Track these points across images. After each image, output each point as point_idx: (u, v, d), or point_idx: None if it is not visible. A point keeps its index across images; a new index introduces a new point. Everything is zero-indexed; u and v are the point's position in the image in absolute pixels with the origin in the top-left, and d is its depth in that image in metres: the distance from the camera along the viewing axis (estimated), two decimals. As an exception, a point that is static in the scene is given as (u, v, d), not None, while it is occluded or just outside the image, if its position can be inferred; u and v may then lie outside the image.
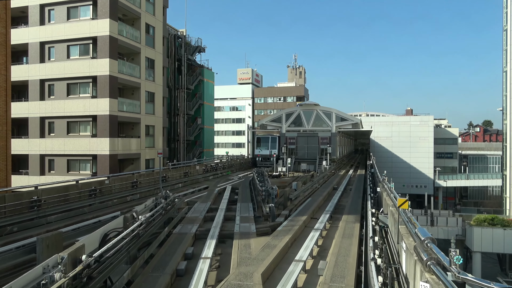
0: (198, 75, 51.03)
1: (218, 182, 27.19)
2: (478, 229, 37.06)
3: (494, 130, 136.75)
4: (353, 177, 32.51)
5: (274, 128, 41.66)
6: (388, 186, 12.97)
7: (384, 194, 12.56)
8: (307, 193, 21.43)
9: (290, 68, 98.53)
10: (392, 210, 9.94)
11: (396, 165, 76.82)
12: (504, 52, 44.49)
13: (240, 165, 38.95)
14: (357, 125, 38.89)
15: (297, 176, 33.10)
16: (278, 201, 19.35)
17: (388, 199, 11.83)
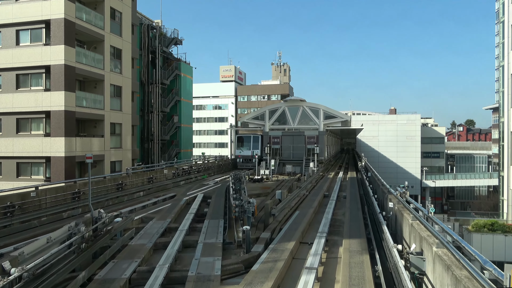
0: (174, 69, 46.42)
1: (190, 189, 22.85)
2: (477, 236, 33.60)
3: (477, 129, 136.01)
4: (345, 181, 28.56)
5: (256, 126, 37.50)
6: (417, 207, 8.88)
7: (409, 218, 8.60)
8: (293, 204, 17.30)
9: (274, 66, 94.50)
10: (445, 259, 5.98)
11: (383, 164, 73.63)
12: (500, 46, 41.29)
13: (219, 168, 34.64)
14: (347, 123, 35.06)
15: (282, 180, 28.98)
16: (258, 215, 15.16)
17: (422, 230, 7.78)
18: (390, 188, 12.05)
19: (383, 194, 13.27)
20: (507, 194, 37.87)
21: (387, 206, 11.46)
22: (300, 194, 20.02)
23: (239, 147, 37.86)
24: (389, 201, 10.85)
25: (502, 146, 39.67)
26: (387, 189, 12.80)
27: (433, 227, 7.56)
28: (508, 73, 37.92)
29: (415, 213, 8.53)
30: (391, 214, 10.81)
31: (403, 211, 9.62)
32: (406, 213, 9.35)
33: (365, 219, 14.72)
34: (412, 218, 8.58)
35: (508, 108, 38.00)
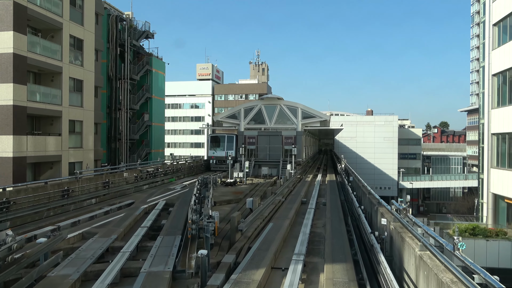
0: (145, 64, 43.41)
1: (152, 194, 20.20)
2: (459, 241, 32.19)
3: (450, 131, 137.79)
4: (323, 185, 26.46)
5: (231, 126, 35.04)
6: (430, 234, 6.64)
7: (415, 247, 6.41)
8: (267, 213, 14.95)
9: (252, 65, 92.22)
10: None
11: (361, 166, 72.47)
12: (481, 46, 40.26)
13: (190, 169, 31.99)
14: (326, 123, 33.07)
15: (257, 183, 26.64)
16: (225, 229, 12.78)
17: (441, 271, 5.50)
18: (381, 199, 9.87)
19: (371, 205, 11.09)
20: (486, 197, 36.72)
21: (377, 220, 9.33)
22: (275, 201, 17.70)
23: (212, 147, 35.31)
24: (381, 216, 8.69)
25: (482, 148, 38.58)
26: (376, 200, 10.58)
27: (455, 266, 5.38)
28: (489, 74, 36.78)
29: (425, 241, 6.33)
30: (386, 235, 8.61)
31: (404, 234, 7.41)
32: (409, 237, 7.14)
33: (348, 232, 12.52)
34: (421, 247, 6.36)
35: (488, 110, 36.87)
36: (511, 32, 34.09)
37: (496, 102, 36.29)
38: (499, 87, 36.17)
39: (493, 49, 36.40)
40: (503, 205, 35.96)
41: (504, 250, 31.68)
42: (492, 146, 36.37)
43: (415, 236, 6.82)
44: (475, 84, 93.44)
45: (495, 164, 36.22)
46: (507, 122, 33.92)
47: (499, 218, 36.03)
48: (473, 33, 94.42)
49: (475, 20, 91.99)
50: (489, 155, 36.41)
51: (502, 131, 34.63)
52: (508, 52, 33.97)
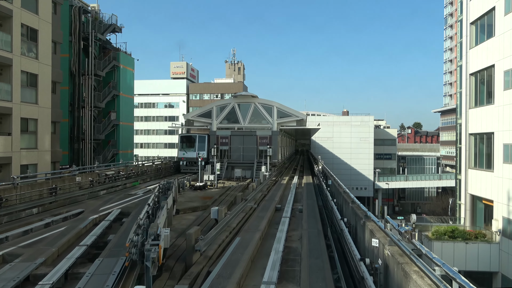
0: (112, 59, 40.53)
1: (108, 202, 17.80)
2: (438, 244, 31.05)
3: (424, 132, 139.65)
4: (300, 188, 24.65)
5: (203, 125, 32.80)
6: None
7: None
8: (235, 224, 12.91)
9: (228, 64, 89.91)
10: None
11: (337, 166, 71.46)
12: (458, 45, 39.54)
13: (157, 172, 29.57)
14: (302, 122, 31.34)
15: (228, 187, 24.55)
16: (180, 246, 10.64)
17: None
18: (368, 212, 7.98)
19: (355, 217, 9.21)
20: (464, 199, 35.85)
21: (363, 237, 7.52)
22: (246, 209, 15.68)
23: (182, 148, 32.96)
24: (370, 235, 6.84)
25: (459, 148, 37.77)
26: (362, 212, 8.66)
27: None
28: (467, 73, 35.95)
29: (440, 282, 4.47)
30: (380, 263, 6.74)
31: (408, 267, 5.55)
32: (415, 273, 5.28)
33: (329, 247, 10.65)
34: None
35: (466, 110, 36.03)
36: (488, 31, 33.32)
37: (473, 102, 35.51)
38: (477, 87, 35.41)
39: (471, 48, 35.60)
40: (480, 206, 35.19)
41: (484, 253, 30.79)
42: (470, 147, 35.57)
43: (426, 275, 4.95)
44: (448, 85, 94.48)
45: (472, 165, 35.42)
46: (484, 122, 33.12)
47: (477, 219, 35.22)
48: (446, 34, 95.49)
49: (448, 22, 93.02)
50: (467, 156, 35.58)
51: (480, 131, 33.83)
52: (486, 51, 33.18)
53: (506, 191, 29.62)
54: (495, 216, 30.88)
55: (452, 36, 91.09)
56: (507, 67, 29.74)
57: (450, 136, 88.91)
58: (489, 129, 32.33)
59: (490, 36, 32.53)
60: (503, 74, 30.14)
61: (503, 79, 30.14)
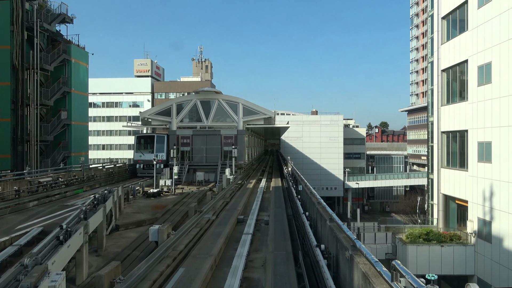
0: (61, 52, 36.43)
1: (34, 216, 14.47)
2: (413, 248, 29.37)
3: (390, 131, 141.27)
4: (268, 192, 22.04)
5: (161, 124, 29.61)
6: None
7: None
8: (182, 247, 10.05)
9: (195, 61, 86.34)
10: None
11: (307, 166, 69.75)
12: (429, 41, 38.26)
13: (108, 177, 26.16)
14: (270, 120, 28.82)
15: (187, 193, 21.56)
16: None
17: None
18: (356, 240, 5.46)
19: (337, 244, 6.57)
20: (437, 198, 34.50)
21: (350, 276, 5.04)
22: (201, 222, 12.85)
23: (139, 149, 29.65)
24: (364, 280, 4.38)
25: (431, 147, 36.45)
26: (348, 240, 5.82)
27: None
28: (438, 69, 34.60)
29: None
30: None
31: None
32: None
33: (300, 277, 8.02)
34: None
35: (438, 107, 34.68)
36: (461, 25, 32.03)
37: (445, 99, 34.20)
38: (449, 83, 34.13)
39: (442, 44, 34.26)
40: (453, 206, 33.91)
41: (459, 255, 29.32)
42: (442, 145, 34.24)
43: None
44: (414, 85, 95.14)
45: (445, 164, 34.10)
46: (457, 120, 31.78)
47: (450, 220, 33.93)
48: (413, 34, 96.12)
49: (414, 22, 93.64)
50: (439, 155, 34.24)
51: (453, 129, 32.50)
52: (458, 46, 31.88)
53: (481, 191, 28.25)
54: (470, 217, 29.52)
55: (418, 36, 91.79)
56: (481, 62, 28.40)
57: (416, 135, 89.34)
58: (462, 126, 30.99)
59: (463, 30, 31.20)
60: (477, 70, 28.79)
61: (477, 74, 28.79)
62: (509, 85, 25.30)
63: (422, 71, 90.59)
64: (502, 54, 26.05)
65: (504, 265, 25.82)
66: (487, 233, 27.40)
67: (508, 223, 25.29)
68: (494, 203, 26.74)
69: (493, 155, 26.83)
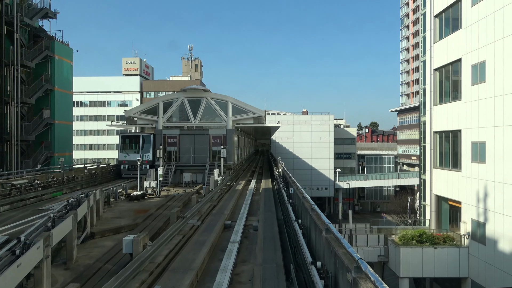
0: (44, 48, 34.93)
1: (0, 223, 13.27)
2: (406, 250, 28.65)
3: (380, 131, 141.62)
4: (257, 195, 21.04)
5: (147, 123, 28.43)
6: None
7: None
8: (161, 259, 8.97)
9: (184, 60, 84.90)
10: None
11: (298, 166, 69.02)
12: (421, 40, 37.66)
13: (91, 178, 24.89)
14: (261, 119, 27.82)
15: (172, 196, 20.44)
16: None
17: None
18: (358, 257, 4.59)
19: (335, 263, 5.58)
20: (429, 199, 33.86)
21: None
22: (184, 230, 11.79)
23: (124, 149, 28.40)
24: None
25: (423, 147, 35.82)
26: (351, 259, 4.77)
27: None
28: (431, 68, 33.97)
29: None
30: None
31: None
32: None
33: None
34: None
35: (430, 106, 34.06)
36: (454, 24, 31.41)
37: (438, 99, 33.59)
38: (441, 83, 33.53)
39: (435, 42, 33.65)
40: (445, 207, 33.32)
41: (452, 257, 28.65)
42: (435, 145, 33.63)
43: None
44: (405, 85, 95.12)
45: (437, 164, 33.50)
46: (450, 120, 31.16)
47: (442, 221, 33.33)
48: (403, 35, 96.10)
49: (405, 23, 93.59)
50: (431, 155, 33.62)
51: (446, 129, 31.88)
52: (451, 44, 31.26)
53: (475, 192, 27.63)
54: (464, 218, 28.90)
55: (408, 36, 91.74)
56: (475, 60, 27.77)
57: (407, 135, 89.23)
58: (455, 126, 30.37)
59: (456, 29, 30.58)
60: (471, 69, 28.15)
61: (471, 73, 28.14)
62: (504, 84, 24.68)
63: (412, 71, 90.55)
64: (497, 52, 25.43)
65: (499, 268, 25.21)
66: (481, 235, 26.79)
67: (503, 225, 24.68)
68: (489, 204, 26.12)
69: (488, 156, 26.20)
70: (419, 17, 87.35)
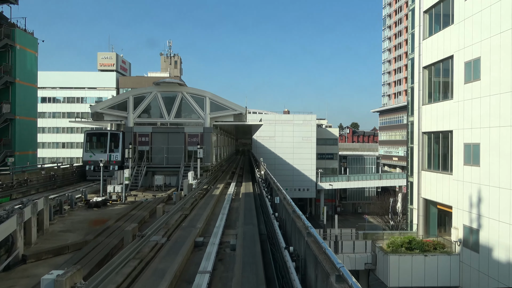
0: (3, 36, 31.44)
1: None
2: (395, 258, 26.78)
3: (360, 132, 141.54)
4: (237, 201, 18.59)
5: (116, 119, 25.55)
6: None
7: None
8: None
9: (163, 56, 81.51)
10: None
11: (279, 167, 66.91)
12: (409, 37, 35.99)
13: (49, 181, 21.87)
14: (241, 117, 25.36)
15: (140, 202, 17.74)
16: None
17: None
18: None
19: None
20: (417, 203, 32.16)
21: None
22: (143, 252, 9.24)
23: (89, 148, 25.44)
24: None
25: (411, 148, 34.14)
26: None
27: None
28: (420, 66, 32.29)
29: None
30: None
31: None
32: None
33: None
34: None
35: (419, 106, 32.37)
36: (445, 20, 29.68)
37: (427, 98, 31.91)
38: (431, 81, 31.89)
39: (424, 39, 31.96)
40: (434, 211, 31.69)
41: (443, 265, 26.87)
42: (423, 146, 31.94)
43: None
44: (386, 86, 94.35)
45: (426, 166, 31.83)
46: (440, 120, 29.47)
47: (430, 225, 31.69)
48: (385, 35, 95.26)
49: (387, 23, 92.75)
50: (420, 157, 31.93)
51: (435, 130, 30.20)
52: (442, 41, 29.59)
53: (467, 196, 25.93)
54: (455, 224, 27.22)
55: (390, 37, 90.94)
56: (468, 57, 26.06)
57: (388, 136, 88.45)
58: (446, 127, 28.69)
59: (447, 25, 28.87)
60: (464, 66, 26.43)
61: (464, 71, 26.43)
62: (500, 82, 23.00)
63: (394, 72, 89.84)
64: (493, 48, 23.74)
65: (493, 277, 23.55)
66: (474, 242, 25.12)
67: (499, 232, 23.01)
68: (483, 209, 24.45)
69: (482, 158, 24.52)
70: (401, 17, 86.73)
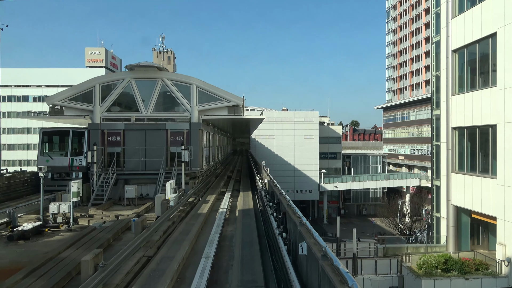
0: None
1: None
2: (429, 283, 21.36)
3: (361, 130, 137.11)
4: (232, 223, 13.12)
5: (79, 114, 20.06)
6: None
7: None
8: None
9: (156, 52, 75.85)
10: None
11: (280, 167, 61.49)
12: (433, 17, 30.70)
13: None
14: (238, 110, 19.91)
15: (92, 228, 12.23)
16: None
17: None
18: None
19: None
20: (446, 211, 26.75)
21: None
22: None
23: (45, 150, 19.97)
24: None
25: (436, 146, 28.83)
26: None
27: None
28: (448, 50, 26.92)
29: None
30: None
31: None
32: None
33: None
34: None
35: (448, 97, 26.97)
36: (481, -9, 24.43)
37: (458, 87, 26.46)
38: (463, 67, 26.56)
39: (453, 18, 26.59)
40: (465, 220, 26.30)
41: (488, 291, 21.62)
42: (453, 144, 26.49)
43: None
44: (391, 81, 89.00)
45: (457, 168, 26.39)
46: (477, 112, 24.04)
47: (462, 238, 26.34)
48: (389, 28, 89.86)
49: (391, 15, 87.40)
50: (449, 156, 26.54)
51: (470, 124, 24.77)
52: (478, 18, 24.20)
53: (519, 206, 20.63)
54: (500, 239, 21.81)
55: (395, 30, 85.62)
56: (520, 33, 20.77)
57: (393, 134, 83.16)
58: (486, 120, 23.26)
59: (486, -4, 23.58)
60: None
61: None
62: None
63: (399, 66, 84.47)
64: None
65: (559, 310, 18.18)
66: (531, 264, 19.85)
67: None
68: (543, 223, 19.16)
69: (541, 158, 19.24)
70: (407, 8, 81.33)
